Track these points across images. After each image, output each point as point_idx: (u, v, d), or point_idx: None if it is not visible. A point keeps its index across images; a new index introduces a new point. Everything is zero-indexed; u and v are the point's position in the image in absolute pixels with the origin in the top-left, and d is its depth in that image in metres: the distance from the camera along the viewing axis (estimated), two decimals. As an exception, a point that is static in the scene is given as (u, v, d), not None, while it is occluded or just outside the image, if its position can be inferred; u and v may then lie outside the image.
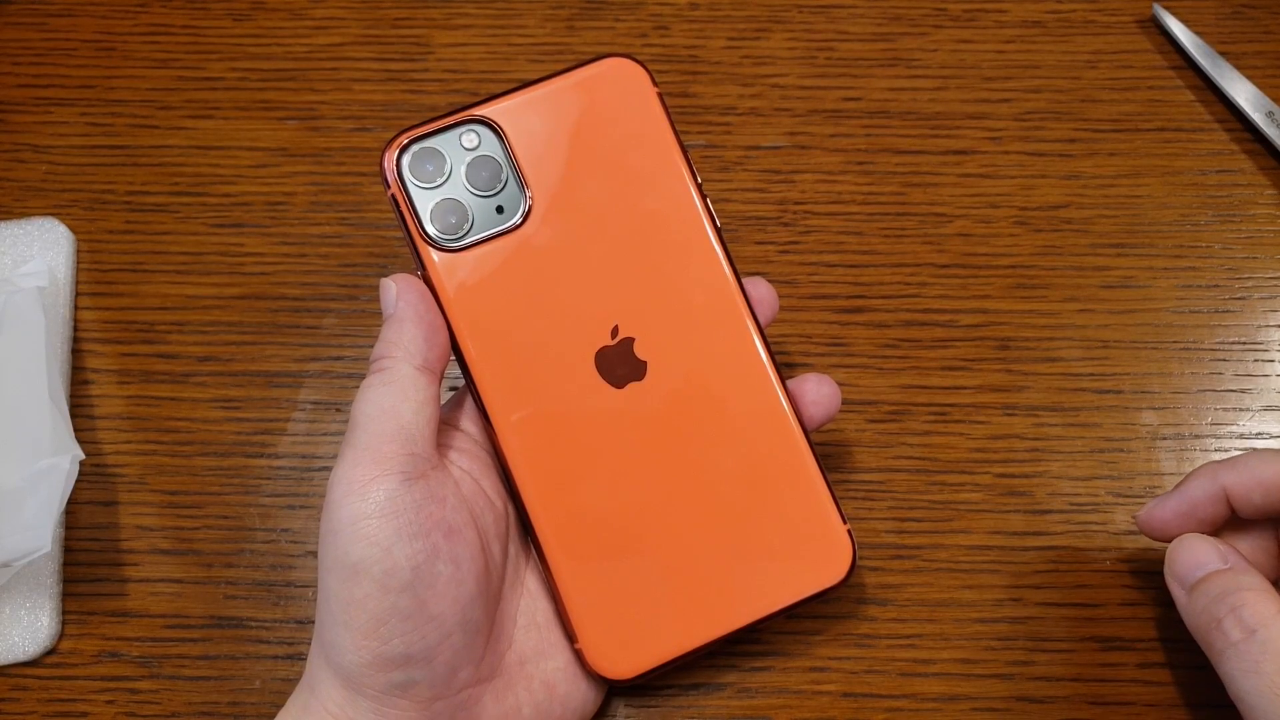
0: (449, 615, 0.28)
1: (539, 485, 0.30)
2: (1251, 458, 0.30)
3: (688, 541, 0.31)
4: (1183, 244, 0.40)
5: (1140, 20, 0.44)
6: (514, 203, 0.31)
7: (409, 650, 0.27)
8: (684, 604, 0.31)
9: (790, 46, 0.44)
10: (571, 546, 0.30)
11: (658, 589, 0.31)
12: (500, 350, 0.31)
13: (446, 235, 0.31)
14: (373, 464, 0.28)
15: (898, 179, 0.41)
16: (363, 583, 0.27)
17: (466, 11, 0.44)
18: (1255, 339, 0.39)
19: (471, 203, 0.31)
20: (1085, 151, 0.42)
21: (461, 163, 0.31)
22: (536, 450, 0.30)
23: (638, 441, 0.31)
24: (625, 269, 0.31)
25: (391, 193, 0.31)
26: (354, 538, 0.27)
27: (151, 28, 0.44)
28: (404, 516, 0.27)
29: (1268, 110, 0.41)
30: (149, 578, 0.36)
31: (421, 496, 0.28)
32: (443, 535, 0.28)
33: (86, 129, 0.42)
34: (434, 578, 0.27)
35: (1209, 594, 0.29)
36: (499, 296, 0.31)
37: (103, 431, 0.38)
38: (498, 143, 0.31)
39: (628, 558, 0.31)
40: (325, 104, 0.43)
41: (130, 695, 0.34)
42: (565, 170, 0.31)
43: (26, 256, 0.39)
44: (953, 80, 0.43)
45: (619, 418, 0.31)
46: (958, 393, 0.38)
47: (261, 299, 0.40)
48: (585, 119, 0.32)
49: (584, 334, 0.31)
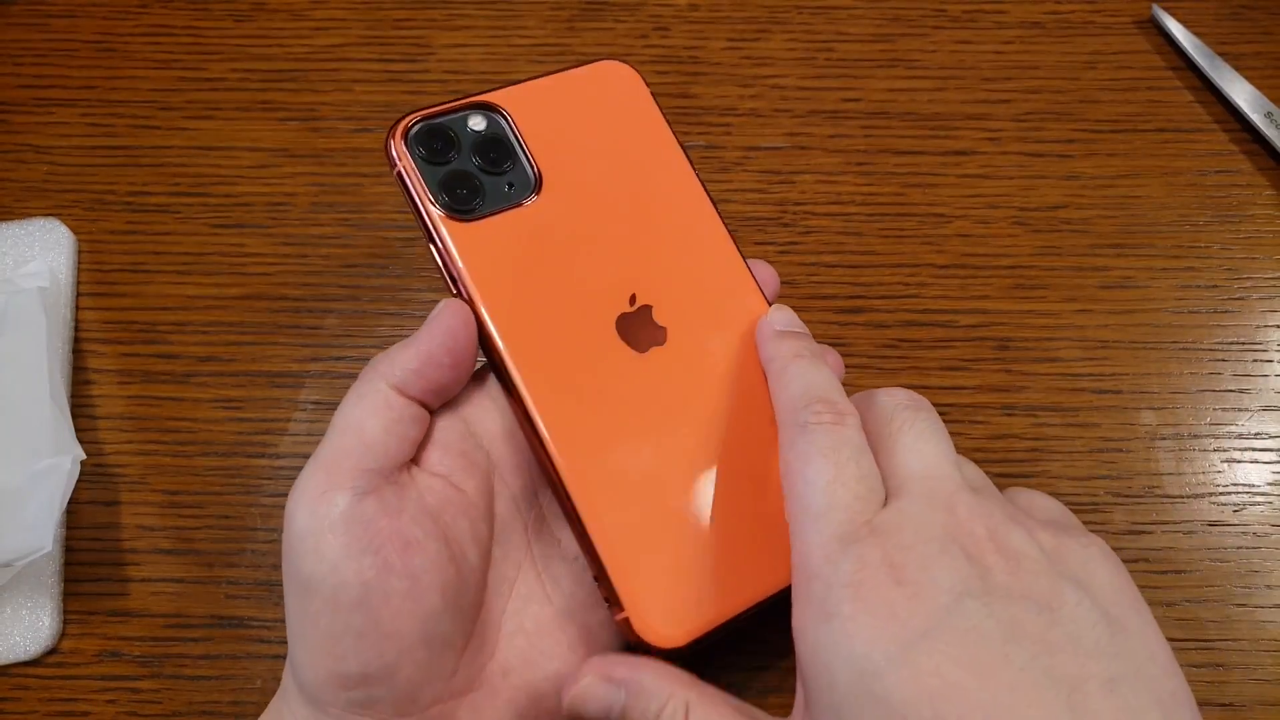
0: (408, 631, 0.26)
1: (573, 450, 0.29)
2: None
3: (722, 503, 0.30)
4: (1181, 244, 0.40)
5: (1139, 21, 0.44)
6: (523, 180, 0.31)
7: (365, 669, 0.26)
8: (727, 566, 0.29)
9: (790, 47, 0.44)
10: (610, 513, 0.29)
11: (700, 552, 0.29)
12: (522, 317, 0.30)
13: (458, 206, 0.30)
14: (326, 476, 0.27)
15: (897, 180, 0.41)
16: (313, 600, 0.26)
17: (467, 12, 0.44)
18: (1254, 339, 0.39)
19: (482, 179, 0.31)
20: (1084, 152, 0.42)
21: (469, 143, 0.31)
22: (568, 415, 0.29)
23: (666, 404, 0.30)
24: (637, 242, 0.31)
25: (399, 168, 0.30)
26: (303, 553, 0.26)
27: (152, 28, 0.44)
28: (352, 532, 0.26)
29: (1266, 111, 0.41)
30: (150, 577, 0.36)
31: (373, 511, 0.26)
32: (396, 550, 0.26)
33: (88, 130, 0.42)
34: (387, 594, 0.26)
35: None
36: (515, 267, 0.30)
37: (104, 431, 0.38)
38: (504, 125, 0.31)
39: (667, 521, 0.30)
40: (326, 105, 0.43)
41: (131, 695, 0.34)
42: (571, 151, 0.32)
43: (28, 257, 0.39)
44: (952, 81, 0.43)
45: (646, 382, 0.30)
46: (957, 393, 0.38)
47: (262, 299, 0.40)
48: (587, 107, 0.32)
49: (603, 301, 0.31)
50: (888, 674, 0.22)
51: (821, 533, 0.25)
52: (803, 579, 0.25)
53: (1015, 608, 0.23)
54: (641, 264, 0.31)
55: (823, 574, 0.24)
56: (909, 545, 0.24)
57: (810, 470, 0.26)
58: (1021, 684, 0.22)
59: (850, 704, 0.23)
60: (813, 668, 0.24)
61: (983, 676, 0.22)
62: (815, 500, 0.25)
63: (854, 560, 0.24)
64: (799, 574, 0.25)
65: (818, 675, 0.24)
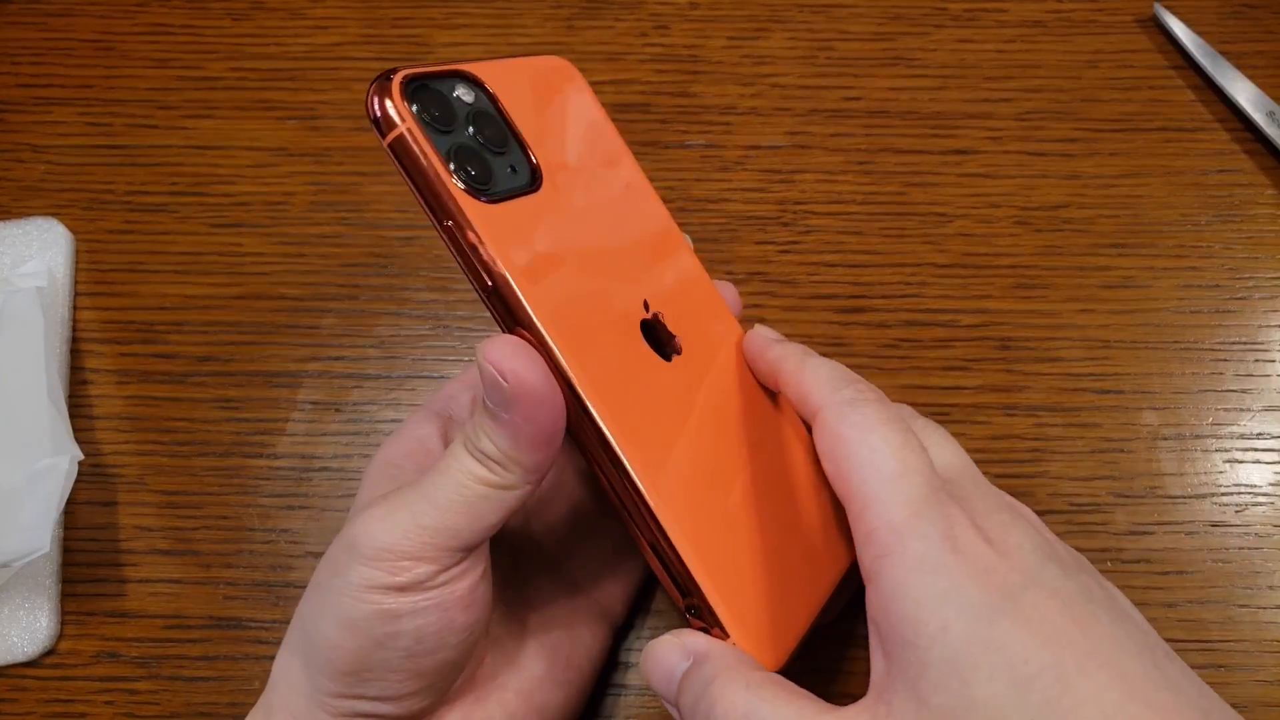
0: (433, 672, 0.27)
1: (653, 473, 0.26)
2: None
3: (774, 510, 0.29)
4: (1183, 244, 0.40)
5: (1141, 20, 0.44)
6: (522, 165, 0.26)
7: (382, 693, 0.26)
8: (794, 570, 0.29)
9: (790, 46, 0.44)
10: (697, 536, 0.26)
11: (771, 561, 0.28)
12: (566, 321, 0.25)
13: (474, 183, 0.25)
14: (410, 542, 0.25)
15: (898, 179, 0.41)
16: (359, 638, 0.26)
17: (466, 11, 0.44)
18: (1256, 339, 0.39)
19: (488, 158, 0.26)
20: (1086, 151, 0.42)
21: (464, 114, 0.26)
22: (637, 431, 0.26)
23: (703, 414, 0.28)
24: (634, 246, 0.29)
25: (402, 131, 0.24)
26: (361, 602, 0.25)
27: (150, 27, 0.44)
28: (430, 598, 0.26)
29: (1268, 110, 0.41)
30: (148, 578, 0.36)
31: (455, 586, 0.26)
32: (461, 609, 0.26)
33: (85, 129, 0.42)
34: (439, 647, 0.26)
35: (688, 707, 0.25)
36: (541, 261, 0.26)
37: (101, 432, 0.38)
38: (489, 102, 0.27)
39: (738, 537, 0.28)
40: (325, 104, 0.43)
41: (129, 696, 0.34)
42: (552, 141, 0.28)
43: (25, 256, 0.39)
44: (953, 80, 0.43)
45: (681, 391, 0.28)
46: (958, 393, 0.38)
47: (261, 299, 0.39)
48: (546, 98, 0.28)
49: (626, 306, 0.28)
50: (1006, 618, 0.22)
51: (905, 492, 0.24)
52: (893, 539, 0.24)
53: (1082, 579, 0.24)
54: (642, 269, 0.29)
55: (917, 530, 0.24)
56: (984, 512, 0.25)
57: (875, 437, 0.25)
58: (1113, 640, 0.23)
59: (968, 652, 0.22)
60: (917, 622, 0.23)
61: (1084, 628, 0.23)
62: (888, 464, 0.25)
63: (944, 518, 0.24)
64: (885, 536, 0.24)
65: (924, 627, 0.23)
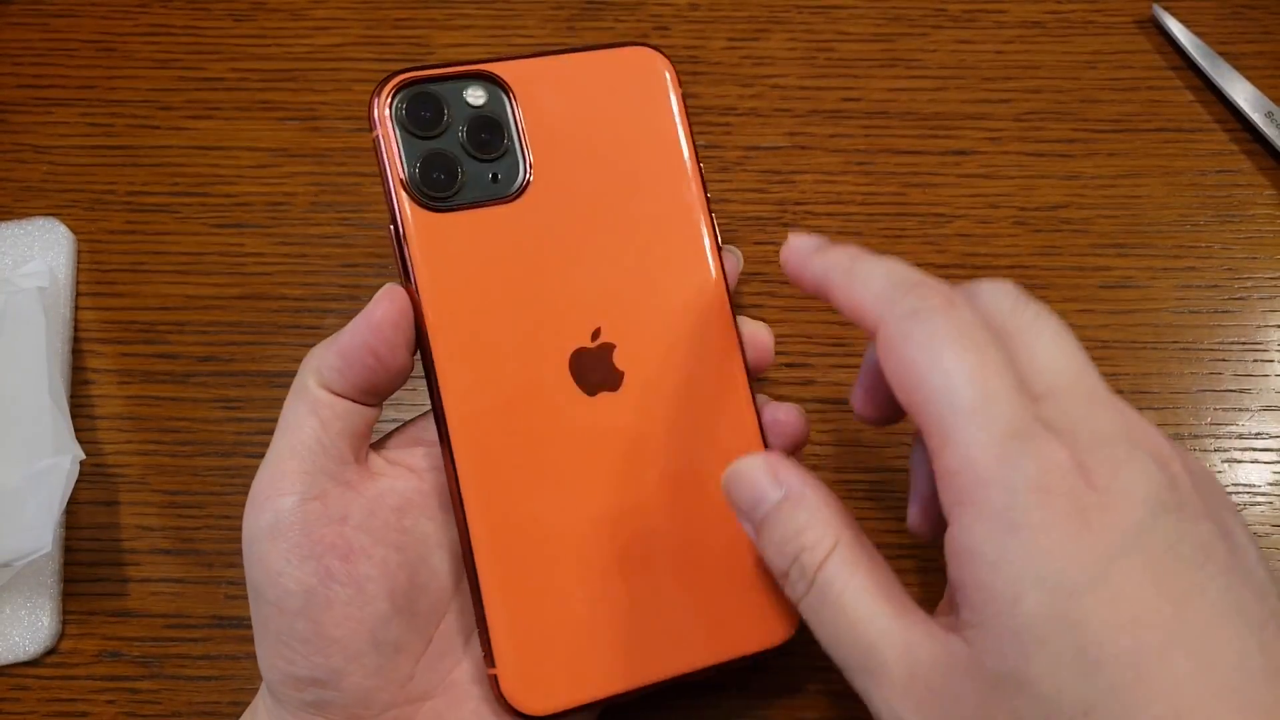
0: (354, 638, 0.26)
1: (482, 487, 0.27)
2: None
3: (635, 576, 0.28)
4: (1182, 244, 0.40)
5: (1140, 21, 0.44)
6: (511, 173, 0.28)
7: (313, 673, 0.26)
8: (618, 643, 0.27)
9: (790, 47, 0.44)
10: (506, 562, 0.27)
11: (593, 623, 0.27)
12: (466, 330, 0.27)
13: (430, 191, 0.27)
14: (270, 481, 0.26)
15: (897, 179, 0.41)
16: (262, 604, 0.26)
17: (466, 12, 0.44)
18: (1254, 339, 0.39)
19: (466, 163, 0.28)
20: (1085, 152, 0.42)
21: (463, 118, 0.28)
22: (486, 447, 0.27)
23: (600, 457, 0.28)
24: (617, 270, 0.28)
25: (376, 134, 0.27)
26: (250, 559, 0.27)
27: (152, 28, 0.44)
28: (292, 538, 0.26)
29: (1267, 110, 0.41)
30: (150, 577, 0.36)
31: (315, 516, 0.26)
32: (339, 557, 0.26)
33: (87, 129, 0.42)
34: (330, 601, 0.26)
35: (772, 540, 0.25)
36: (475, 271, 0.27)
37: (103, 431, 0.38)
38: (505, 104, 0.28)
39: (566, 584, 0.27)
40: (326, 104, 0.43)
41: (131, 695, 0.34)
42: (570, 150, 0.28)
43: (27, 257, 0.39)
44: (952, 81, 0.43)
45: (585, 428, 0.28)
46: (957, 393, 0.38)
47: (262, 299, 0.40)
48: (600, 101, 0.29)
49: (562, 330, 0.28)
50: (1086, 595, 0.20)
51: (987, 429, 0.21)
52: (971, 485, 0.21)
53: (1203, 529, 0.21)
54: (616, 296, 0.28)
55: (1000, 478, 0.20)
56: (1091, 446, 0.21)
57: (945, 360, 0.22)
58: (1216, 618, 0.20)
59: (1036, 628, 0.20)
60: (991, 588, 0.21)
61: (1180, 605, 0.20)
62: (964, 393, 0.21)
63: (1036, 460, 0.20)
64: (964, 481, 0.21)
65: (997, 595, 0.20)
